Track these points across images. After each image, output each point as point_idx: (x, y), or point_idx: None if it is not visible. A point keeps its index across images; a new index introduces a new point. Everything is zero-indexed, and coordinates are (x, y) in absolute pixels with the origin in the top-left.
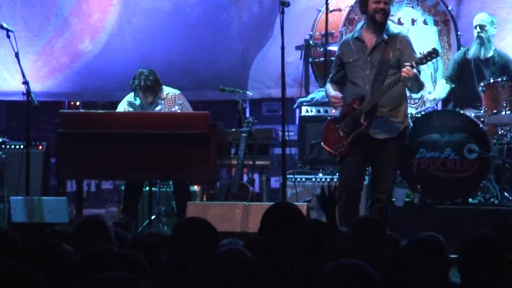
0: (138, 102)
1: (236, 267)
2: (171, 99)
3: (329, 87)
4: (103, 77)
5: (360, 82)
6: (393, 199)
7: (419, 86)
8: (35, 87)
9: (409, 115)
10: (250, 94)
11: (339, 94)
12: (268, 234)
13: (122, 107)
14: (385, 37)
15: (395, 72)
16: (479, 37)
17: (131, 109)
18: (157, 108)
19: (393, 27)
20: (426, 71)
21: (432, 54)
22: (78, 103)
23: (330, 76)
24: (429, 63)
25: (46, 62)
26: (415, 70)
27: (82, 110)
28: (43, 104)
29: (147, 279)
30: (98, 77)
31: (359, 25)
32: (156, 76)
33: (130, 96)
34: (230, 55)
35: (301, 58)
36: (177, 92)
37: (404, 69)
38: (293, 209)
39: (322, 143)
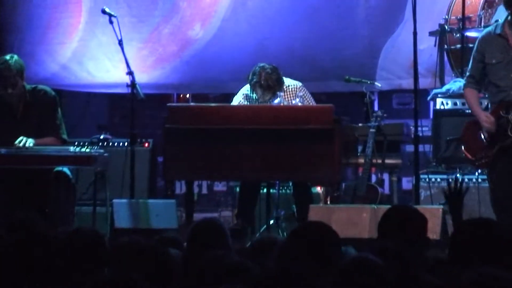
0: (255, 95)
1: (371, 278)
2: (292, 91)
3: (471, 95)
4: (215, 66)
5: (506, 86)
6: None
7: None
8: (141, 78)
9: None
10: (379, 85)
11: (491, 118)
12: (386, 240)
13: (238, 100)
14: None
15: None
16: None
17: (247, 103)
18: (276, 101)
19: None
20: None
21: None
22: (188, 96)
23: (469, 74)
24: None
25: (152, 50)
26: None
27: (192, 104)
28: (149, 97)
29: None
30: (209, 67)
31: (495, 18)
32: (279, 75)
33: (246, 88)
34: (356, 41)
35: (435, 45)
36: (298, 84)
37: None
38: (412, 213)
39: (462, 147)
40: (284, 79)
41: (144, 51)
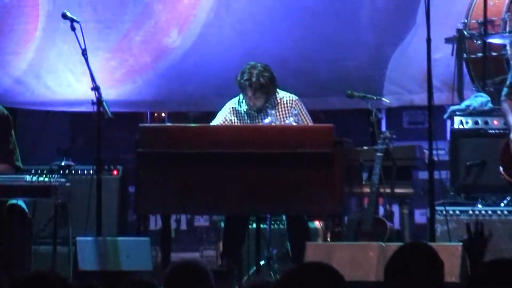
0: (243, 108)
1: None
2: (286, 105)
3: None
4: (196, 80)
5: None
6: None
7: None
8: (108, 94)
9: None
10: (387, 101)
11: None
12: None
13: (223, 115)
14: None
15: None
16: None
17: (234, 119)
18: (266, 121)
19: None
20: None
21: None
22: (163, 115)
23: (509, 83)
24: None
25: (122, 61)
26: None
27: (168, 124)
28: (119, 116)
29: None
30: (189, 80)
31: None
32: (272, 73)
33: (233, 102)
34: (360, 50)
35: (452, 54)
36: (293, 97)
37: None
38: (426, 252)
39: (500, 169)
40: (279, 91)
41: (112, 62)
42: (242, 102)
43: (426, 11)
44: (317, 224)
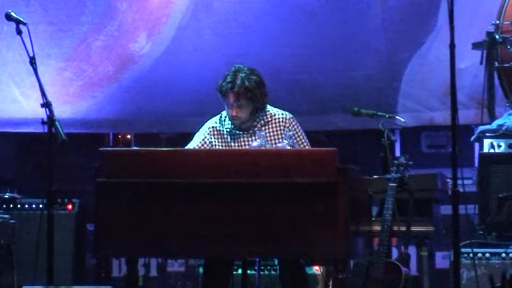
0: (226, 127)
1: None
2: (278, 124)
3: None
4: (169, 94)
5: None
6: None
7: None
8: (62, 111)
9: None
10: (402, 119)
11: None
12: None
13: (200, 137)
14: None
15: None
16: None
17: (215, 141)
18: (255, 144)
19: None
20: None
21: None
22: (129, 137)
23: None
24: None
25: (78, 71)
26: None
27: (135, 148)
28: (75, 138)
29: None
30: (160, 94)
31: None
32: (261, 78)
33: (214, 120)
34: (369, 58)
35: (481, 63)
36: (287, 114)
37: None
38: None
39: None
40: (270, 107)
41: (66, 73)
42: (224, 120)
43: (449, 11)
44: (317, 269)
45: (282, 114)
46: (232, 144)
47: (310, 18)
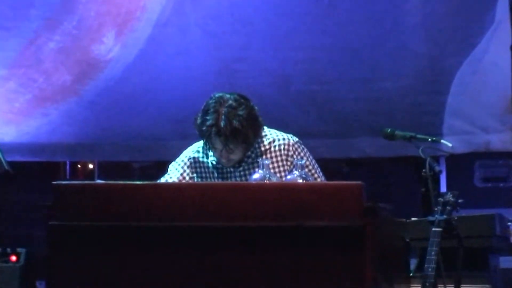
0: (211, 160)
1: None
2: (278, 153)
3: None
4: (144, 112)
5: None
6: None
7: None
8: (4, 133)
9: None
10: (449, 144)
11: None
12: None
13: (178, 171)
14: None
15: None
16: None
17: (196, 177)
18: (256, 176)
19: None
20: None
21: None
22: (92, 166)
23: None
24: None
25: (26, 82)
26: None
27: (99, 181)
28: (21, 168)
29: None
30: (133, 111)
31: None
32: (249, 108)
33: (195, 149)
34: (406, 65)
35: None
36: (290, 139)
37: None
38: None
39: None
40: (268, 130)
41: (10, 83)
42: (208, 149)
43: (510, 4)
44: None
45: (284, 139)
46: (220, 180)
47: (329, 12)
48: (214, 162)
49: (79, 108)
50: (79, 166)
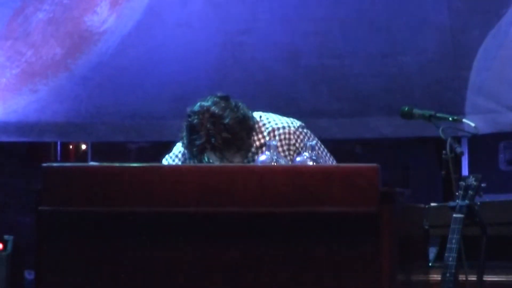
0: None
1: None
2: (279, 145)
3: None
4: (140, 88)
5: None
6: None
7: None
8: None
9: None
10: (472, 124)
11: None
12: None
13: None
14: None
15: None
16: None
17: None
18: (263, 158)
19: None
20: None
21: None
22: (84, 147)
23: None
24: None
25: (13, 55)
26: None
27: (93, 163)
28: (7, 149)
29: None
30: (129, 88)
31: None
32: (236, 110)
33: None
34: (426, 38)
35: None
36: (291, 125)
37: None
38: None
39: None
40: (266, 117)
41: None
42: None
43: None
44: None
45: (284, 127)
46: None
47: None
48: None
49: (71, 84)
50: (70, 147)
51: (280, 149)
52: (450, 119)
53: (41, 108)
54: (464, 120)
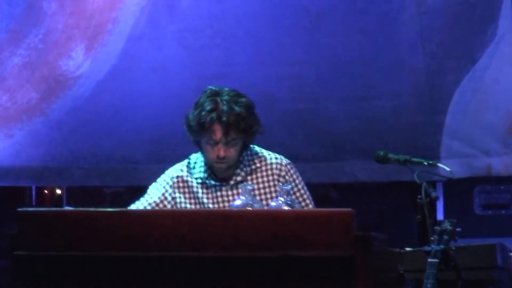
0: (196, 176)
1: None
2: (270, 173)
3: None
4: (116, 133)
5: None
6: None
7: None
8: None
9: None
10: (447, 168)
11: None
12: None
13: (159, 191)
14: None
15: None
16: None
17: (179, 197)
18: (238, 203)
19: None
20: None
21: None
22: (59, 192)
23: None
24: None
25: None
26: None
27: (68, 208)
28: None
29: None
30: (104, 133)
31: None
32: (248, 98)
33: (178, 168)
34: (401, 82)
35: None
36: (283, 160)
37: None
38: None
39: None
40: (259, 150)
41: None
42: (194, 167)
43: None
44: None
45: (276, 158)
46: (205, 200)
47: (317, 23)
48: (199, 180)
49: (46, 128)
50: (45, 191)
51: (270, 177)
52: (425, 163)
53: (16, 153)
54: (439, 164)
